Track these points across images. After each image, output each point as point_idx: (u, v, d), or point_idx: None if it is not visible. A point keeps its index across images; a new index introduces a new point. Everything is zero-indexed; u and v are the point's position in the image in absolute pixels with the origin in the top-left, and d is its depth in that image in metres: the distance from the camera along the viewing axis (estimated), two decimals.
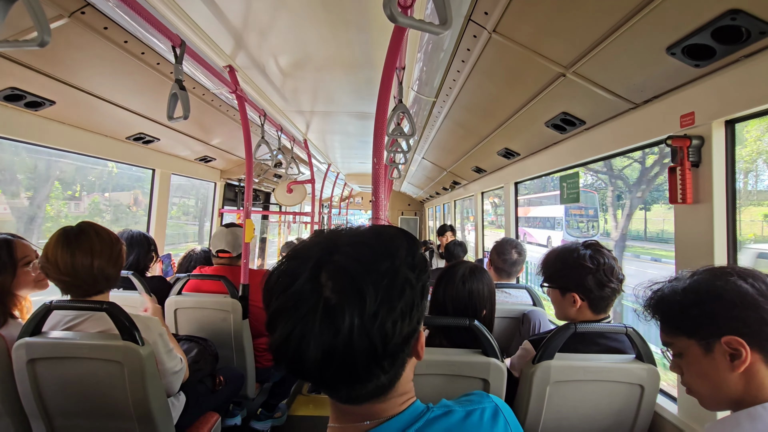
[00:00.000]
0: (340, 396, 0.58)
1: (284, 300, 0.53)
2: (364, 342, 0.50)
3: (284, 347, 0.51)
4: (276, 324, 0.53)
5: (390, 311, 0.52)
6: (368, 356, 0.51)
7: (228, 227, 2.54)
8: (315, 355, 0.50)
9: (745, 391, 0.80)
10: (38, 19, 0.90)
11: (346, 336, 0.49)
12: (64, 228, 1.43)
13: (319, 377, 0.52)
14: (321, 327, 0.50)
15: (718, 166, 1.33)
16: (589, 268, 1.42)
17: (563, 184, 2.48)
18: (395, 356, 0.55)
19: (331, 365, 0.50)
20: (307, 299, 0.51)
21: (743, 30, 1.05)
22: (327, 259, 0.53)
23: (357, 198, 11.42)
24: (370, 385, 0.55)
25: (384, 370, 0.54)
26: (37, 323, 1.38)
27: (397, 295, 0.53)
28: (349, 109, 3.05)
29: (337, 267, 0.53)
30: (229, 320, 2.22)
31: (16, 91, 1.81)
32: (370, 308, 0.50)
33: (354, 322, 0.50)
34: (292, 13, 1.62)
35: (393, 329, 0.52)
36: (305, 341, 0.50)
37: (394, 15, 0.85)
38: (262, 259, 6.32)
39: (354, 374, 0.52)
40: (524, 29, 1.47)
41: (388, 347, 0.52)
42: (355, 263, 0.53)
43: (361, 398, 0.58)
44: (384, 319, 0.51)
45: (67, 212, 3.97)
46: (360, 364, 0.51)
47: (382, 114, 1.26)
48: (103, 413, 1.44)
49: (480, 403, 0.67)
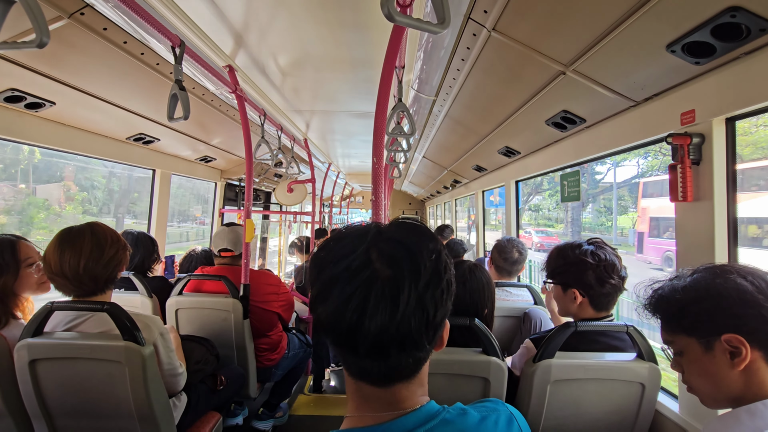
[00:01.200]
0: (377, 372, 0.60)
1: (339, 270, 0.57)
2: (419, 310, 0.56)
3: (342, 311, 0.55)
4: (330, 292, 0.57)
5: (438, 284, 0.58)
6: (421, 323, 0.57)
7: (229, 226, 2.55)
8: (375, 321, 0.54)
9: (746, 389, 0.80)
10: (37, 21, 0.90)
11: (405, 304, 0.55)
12: (65, 228, 1.44)
13: (374, 342, 0.55)
14: (381, 296, 0.54)
15: (718, 164, 1.32)
16: (589, 264, 1.42)
17: (564, 182, 2.48)
18: (437, 329, 0.60)
19: (388, 331, 0.55)
20: (363, 271, 0.56)
21: (743, 27, 1.05)
22: (378, 237, 0.59)
23: (358, 197, 11.42)
24: (416, 354, 0.60)
25: (429, 341, 0.59)
26: (39, 324, 1.39)
27: (443, 271, 0.60)
28: (349, 108, 3.05)
29: (392, 243, 0.59)
30: (230, 320, 2.23)
31: (17, 93, 1.81)
32: (424, 279, 0.57)
33: (411, 292, 0.55)
34: (291, 13, 1.62)
35: (441, 299, 0.59)
36: (366, 306, 0.54)
37: (392, 14, 0.85)
38: (263, 259, 6.32)
39: (409, 339, 0.56)
40: (524, 27, 1.47)
41: (437, 317, 0.58)
42: (408, 240, 0.60)
43: (395, 377, 0.61)
44: (434, 290, 0.57)
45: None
46: (414, 330, 0.56)
47: (382, 113, 1.25)
48: (104, 413, 1.45)
49: (495, 409, 0.68)
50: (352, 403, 0.64)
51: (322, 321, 0.58)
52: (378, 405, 0.62)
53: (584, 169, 2.79)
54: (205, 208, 4.58)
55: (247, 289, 2.30)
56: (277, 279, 2.66)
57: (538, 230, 19.57)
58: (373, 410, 0.62)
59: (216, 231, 2.57)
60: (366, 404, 0.62)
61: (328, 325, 0.57)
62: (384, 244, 0.58)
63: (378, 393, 0.61)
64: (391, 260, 0.57)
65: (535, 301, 2.18)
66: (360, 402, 0.63)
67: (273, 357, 2.54)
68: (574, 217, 18.42)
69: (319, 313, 0.58)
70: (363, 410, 0.62)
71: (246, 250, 2.35)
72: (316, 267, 0.61)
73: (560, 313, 1.56)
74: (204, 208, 5.68)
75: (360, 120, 3.37)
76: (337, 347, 0.59)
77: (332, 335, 0.58)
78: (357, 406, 0.63)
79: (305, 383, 3.63)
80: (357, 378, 0.62)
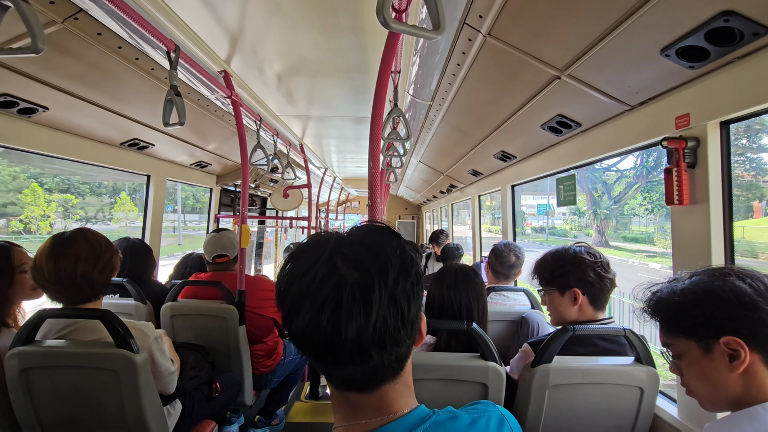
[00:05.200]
0: (361, 377, 0.59)
1: (306, 282, 0.56)
2: (392, 307, 0.56)
3: (316, 323, 0.55)
4: (301, 306, 0.56)
5: (407, 278, 0.58)
6: (397, 320, 0.57)
7: (218, 232, 2.52)
8: (351, 326, 0.54)
9: (745, 392, 0.79)
10: (32, 27, 0.90)
11: (378, 303, 0.55)
12: (55, 235, 1.43)
13: (353, 347, 0.55)
14: (352, 301, 0.54)
15: (713, 167, 1.33)
16: (588, 261, 1.46)
17: (560, 186, 2.49)
18: (413, 323, 0.60)
19: (366, 333, 0.54)
20: (330, 279, 0.56)
21: (736, 31, 1.05)
22: (340, 243, 0.59)
23: (354, 202, 11.41)
24: (398, 350, 0.59)
25: (408, 335, 0.60)
26: (30, 331, 1.37)
27: (409, 265, 0.60)
28: (344, 113, 3.05)
29: (354, 246, 0.59)
30: (226, 326, 2.20)
31: (9, 98, 1.79)
32: (392, 276, 0.57)
33: (382, 290, 0.55)
34: (287, 18, 1.62)
35: (413, 292, 0.59)
36: (339, 313, 0.54)
37: (387, 21, 0.85)
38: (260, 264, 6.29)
39: (388, 337, 0.56)
40: (519, 32, 1.48)
41: (411, 310, 0.59)
42: (369, 241, 0.60)
43: (380, 378, 0.60)
44: (404, 284, 0.58)
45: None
46: (392, 327, 0.56)
47: (378, 118, 1.26)
48: (97, 422, 1.43)
49: (486, 411, 0.67)
50: (338, 414, 0.63)
51: (298, 336, 0.57)
52: (366, 412, 0.61)
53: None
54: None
55: (243, 295, 2.28)
56: (273, 284, 2.63)
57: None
58: (360, 418, 0.61)
59: (206, 239, 2.52)
60: (354, 413, 0.61)
61: (304, 339, 0.57)
62: (347, 248, 0.58)
63: (365, 400, 0.61)
64: (356, 263, 0.56)
65: (532, 305, 2.18)
66: (347, 412, 0.62)
67: (269, 363, 2.52)
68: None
69: (293, 329, 0.57)
70: (351, 419, 0.61)
71: (242, 255, 2.34)
72: (283, 284, 0.60)
73: (554, 322, 1.56)
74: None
75: (356, 125, 3.37)
76: (317, 360, 0.59)
77: (309, 349, 0.57)
78: (344, 416, 0.62)
79: (302, 390, 3.59)
80: (342, 389, 0.61)
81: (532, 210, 25.23)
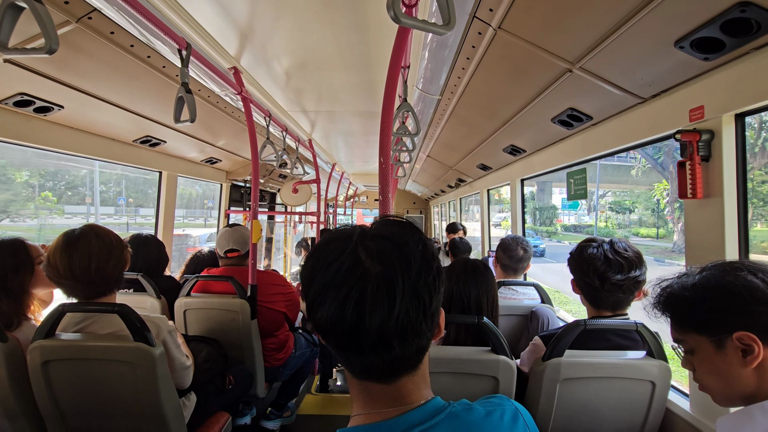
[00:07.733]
0: (382, 367, 0.61)
1: (331, 274, 0.58)
2: (415, 300, 0.57)
3: (340, 312, 0.56)
4: (326, 296, 0.57)
5: (429, 272, 0.60)
6: (419, 312, 0.58)
7: (232, 227, 2.55)
8: (375, 317, 0.55)
9: (758, 387, 0.79)
10: (46, 28, 0.91)
11: (401, 296, 0.56)
12: (66, 232, 1.46)
13: (377, 338, 0.56)
14: (376, 292, 0.55)
15: (728, 160, 1.31)
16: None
17: (570, 180, 2.47)
18: (434, 316, 0.62)
19: (389, 324, 0.56)
20: (354, 271, 0.57)
21: (753, 22, 1.04)
22: (363, 237, 0.60)
23: (362, 197, 11.42)
24: (419, 342, 0.60)
25: (428, 328, 0.61)
26: (51, 325, 1.41)
27: (431, 259, 0.61)
28: (352, 109, 3.05)
29: (377, 239, 0.60)
30: (238, 320, 2.24)
31: (26, 97, 1.83)
32: (415, 269, 0.58)
33: (405, 283, 0.57)
34: (296, 14, 1.62)
35: (434, 286, 0.60)
36: (363, 304, 0.55)
37: (398, 16, 0.85)
38: (269, 259, 6.35)
39: (410, 329, 0.58)
40: (530, 25, 1.47)
41: (433, 303, 0.60)
42: (392, 235, 0.61)
43: (400, 369, 0.62)
44: (426, 278, 0.59)
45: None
46: (414, 319, 0.58)
47: (388, 113, 1.26)
48: (116, 414, 1.47)
49: (500, 404, 0.69)
50: (357, 403, 0.65)
51: (322, 326, 0.59)
52: (384, 401, 0.62)
53: None
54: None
55: (255, 289, 2.32)
56: (283, 278, 2.67)
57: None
58: (379, 407, 0.62)
59: (219, 233, 2.57)
60: (372, 402, 0.63)
61: (329, 328, 0.58)
62: (370, 241, 0.59)
63: (384, 389, 0.62)
64: (380, 256, 0.58)
65: (542, 299, 2.17)
66: (366, 400, 0.64)
67: (280, 356, 2.55)
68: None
69: (318, 318, 0.59)
70: (369, 408, 0.63)
71: (253, 250, 2.36)
72: (308, 275, 0.61)
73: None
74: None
75: (364, 120, 3.37)
76: (340, 350, 0.60)
77: (334, 338, 0.59)
78: (363, 405, 0.64)
79: (312, 383, 3.64)
80: (362, 378, 0.63)
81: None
